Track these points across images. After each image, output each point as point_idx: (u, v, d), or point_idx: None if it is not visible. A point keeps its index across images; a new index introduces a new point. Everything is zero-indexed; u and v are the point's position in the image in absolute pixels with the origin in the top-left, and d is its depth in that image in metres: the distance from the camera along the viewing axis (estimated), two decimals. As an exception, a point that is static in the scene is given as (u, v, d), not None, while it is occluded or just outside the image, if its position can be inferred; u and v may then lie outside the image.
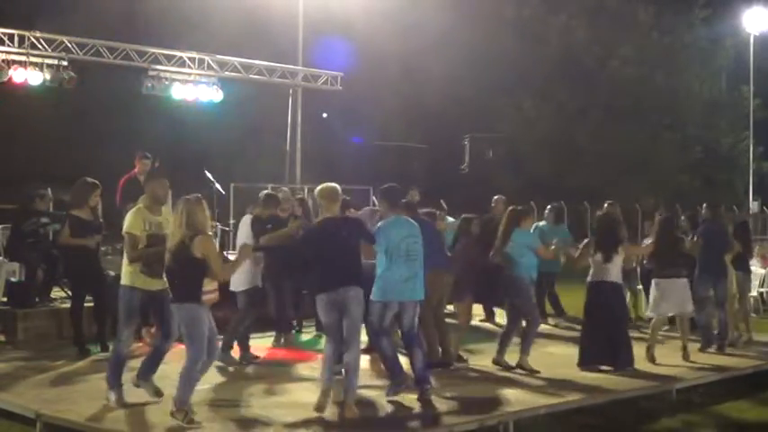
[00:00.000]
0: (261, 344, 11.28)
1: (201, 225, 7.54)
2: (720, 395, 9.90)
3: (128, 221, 8.16)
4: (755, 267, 16.32)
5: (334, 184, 8.52)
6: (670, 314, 11.40)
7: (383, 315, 8.57)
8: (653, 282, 11.10)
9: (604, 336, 10.20)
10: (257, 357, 10.52)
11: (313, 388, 8.64)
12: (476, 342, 11.94)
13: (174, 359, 10.12)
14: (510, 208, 10.69)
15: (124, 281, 8.23)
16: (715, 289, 11.69)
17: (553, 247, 10.74)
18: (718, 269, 11.73)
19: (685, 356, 10.85)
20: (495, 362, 10.19)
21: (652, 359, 10.59)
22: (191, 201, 7.60)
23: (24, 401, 8.32)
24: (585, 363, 10.19)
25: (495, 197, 13.91)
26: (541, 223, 13.85)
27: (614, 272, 10.26)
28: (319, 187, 8.52)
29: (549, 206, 14.29)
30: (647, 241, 12.45)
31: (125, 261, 8.23)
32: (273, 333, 11.68)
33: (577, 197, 28.84)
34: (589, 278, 10.41)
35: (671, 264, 10.97)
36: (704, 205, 13.65)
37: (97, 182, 10.88)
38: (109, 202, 13.96)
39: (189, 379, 7.74)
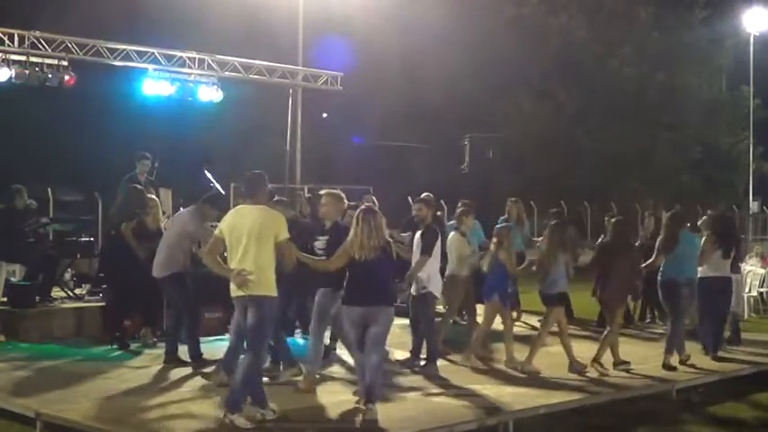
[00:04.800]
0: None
1: None
2: (720, 395, 9.91)
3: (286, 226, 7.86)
4: (755, 267, 16.34)
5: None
6: None
7: None
8: None
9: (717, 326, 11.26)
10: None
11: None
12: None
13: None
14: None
15: (274, 291, 7.81)
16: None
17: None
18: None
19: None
20: None
21: None
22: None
23: (24, 401, 8.33)
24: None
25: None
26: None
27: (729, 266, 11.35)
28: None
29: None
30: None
31: (270, 268, 7.75)
32: None
33: (577, 197, 28.82)
34: (706, 273, 11.03)
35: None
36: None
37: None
38: (109, 203, 14.00)
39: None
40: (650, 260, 11.08)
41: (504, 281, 10.49)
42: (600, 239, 13.04)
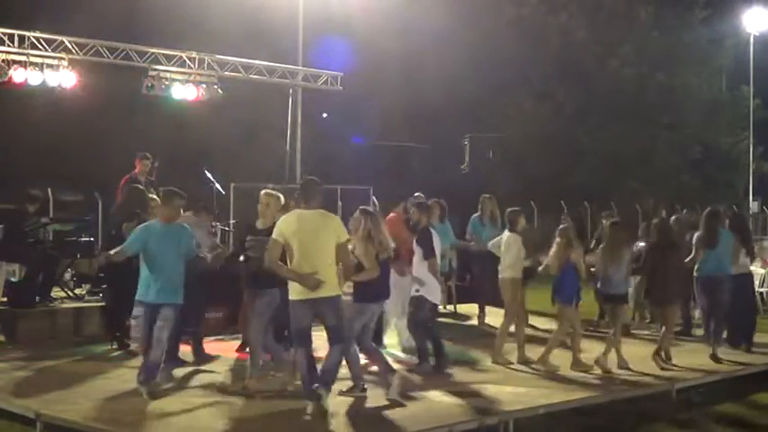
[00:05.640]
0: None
1: None
2: (721, 395, 9.91)
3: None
4: (755, 267, 16.34)
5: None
6: None
7: None
8: None
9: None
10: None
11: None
12: (476, 342, 11.98)
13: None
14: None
15: (340, 290, 8.18)
16: None
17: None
18: None
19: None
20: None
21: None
22: None
23: (24, 401, 8.33)
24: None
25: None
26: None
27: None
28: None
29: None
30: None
31: (334, 269, 8.07)
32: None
33: (577, 197, 28.81)
34: (737, 271, 11.56)
35: None
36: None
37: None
38: (109, 203, 14.02)
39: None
40: (691, 256, 11.37)
41: (577, 281, 10.43)
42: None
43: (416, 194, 12.41)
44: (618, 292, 10.57)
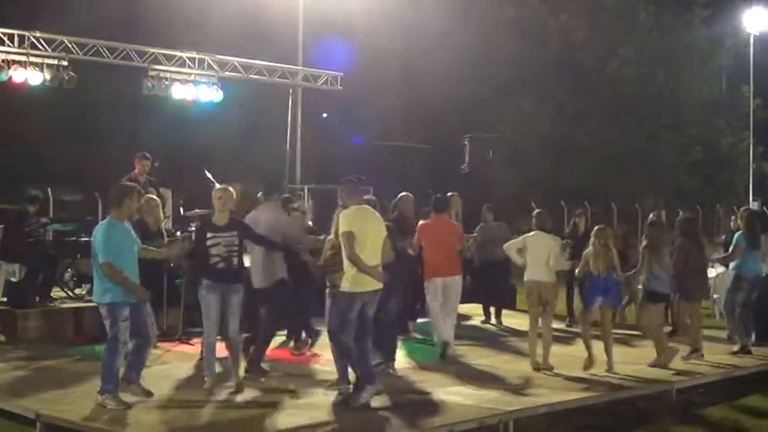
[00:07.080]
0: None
1: None
2: (721, 396, 9.90)
3: None
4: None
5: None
6: None
7: None
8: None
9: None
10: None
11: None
12: (476, 342, 11.99)
13: (174, 359, 10.16)
14: None
15: None
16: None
17: None
18: None
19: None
20: None
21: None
22: None
23: (24, 401, 8.33)
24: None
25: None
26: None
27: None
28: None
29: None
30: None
31: None
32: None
33: (577, 197, 28.80)
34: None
35: None
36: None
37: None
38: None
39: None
40: (728, 254, 11.66)
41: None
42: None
43: (402, 194, 12.45)
44: (670, 291, 10.75)
